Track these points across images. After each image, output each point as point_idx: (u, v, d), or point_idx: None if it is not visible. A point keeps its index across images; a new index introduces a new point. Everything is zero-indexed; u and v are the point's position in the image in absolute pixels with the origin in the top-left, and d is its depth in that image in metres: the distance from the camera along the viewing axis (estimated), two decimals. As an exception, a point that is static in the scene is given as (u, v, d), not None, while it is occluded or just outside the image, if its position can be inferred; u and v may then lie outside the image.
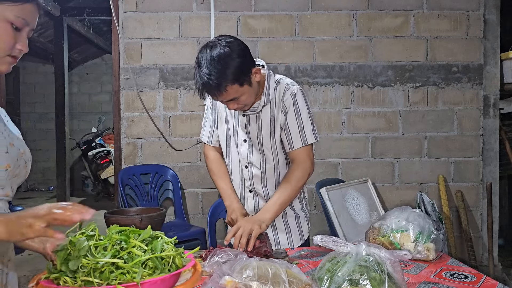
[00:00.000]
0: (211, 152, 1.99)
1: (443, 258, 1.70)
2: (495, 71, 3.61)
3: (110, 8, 3.40)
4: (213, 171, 1.97)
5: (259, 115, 1.81)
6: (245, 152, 1.87)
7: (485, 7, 3.57)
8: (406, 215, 1.75)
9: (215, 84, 1.59)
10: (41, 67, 8.48)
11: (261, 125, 1.82)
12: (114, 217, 1.70)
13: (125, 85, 3.52)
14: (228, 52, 1.59)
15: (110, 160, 6.90)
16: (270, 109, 1.81)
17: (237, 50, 1.62)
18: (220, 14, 3.51)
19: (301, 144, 1.81)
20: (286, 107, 1.79)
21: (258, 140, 1.84)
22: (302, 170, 1.81)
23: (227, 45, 1.61)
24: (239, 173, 1.93)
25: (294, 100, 1.78)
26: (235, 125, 1.87)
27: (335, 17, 3.55)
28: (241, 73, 1.62)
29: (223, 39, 1.64)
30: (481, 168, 3.62)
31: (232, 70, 1.59)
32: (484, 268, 3.50)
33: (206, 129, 1.98)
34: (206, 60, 1.59)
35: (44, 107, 8.44)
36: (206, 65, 1.58)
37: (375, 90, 3.58)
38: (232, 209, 1.86)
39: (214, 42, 1.62)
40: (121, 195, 3.32)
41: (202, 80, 1.60)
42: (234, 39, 1.66)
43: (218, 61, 1.58)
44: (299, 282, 1.16)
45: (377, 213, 3.35)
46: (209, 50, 1.60)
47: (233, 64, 1.60)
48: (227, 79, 1.59)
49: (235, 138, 1.88)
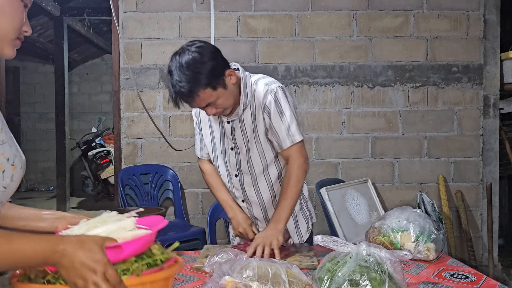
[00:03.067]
0: (206, 166, 1.99)
1: (443, 258, 1.70)
2: (495, 71, 3.61)
3: (110, 8, 3.40)
4: (211, 184, 1.98)
5: (241, 119, 1.78)
6: (233, 159, 1.85)
7: (485, 7, 3.57)
8: (407, 215, 1.75)
9: (187, 91, 1.56)
10: (41, 67, 8.48)
11: (245, 129, 1.79)
12: (114, 217, 1.69)
13: (125, 85, 3.52)
14: (197, 56, 1.56)
15: (110, 160, 6.89)
16: (251, 112, 1.77)
17: (207, 54, 1.59)
18: (220, 14, 3.51)
19: (289, 143, 1.76)
20: (269, 108, 1.74)
21: (244, 145, 1.81)
22: (298, 169, 1.76)
23: (196, 50, 1.58)
24: (229, 183, 1.92)
25: (276, 100, 1.73)
26: (221, 134, 1.85)
27: (335, 17, 3.54)
28: (212, 77, 1.59)
29: (192, 45, 1.60)
30: (481, 168, 3.61)
31: (203, 75, 1.56)
32: (484, 268, 3.49)
33: (197, 144, 1.97)
34: (176, 67, 1.56)
35: (44, 107, 8.44)
36: (177, 72, 1.56)
37: (375, 90, 3.58)
38: (237, 222, 1.86)
39: (183, 49, 1.60)
40: (121, 195, 3.32)
41: (174, 89, 1.57)
42: (204, 43, 1.63)
43: (187, 67, 1.55)
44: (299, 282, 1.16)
45: (377, 213, 3.35)
46: (178, 57, 1.57)
47: (203, 68, 1.56)
48: (198, 84, 1.56)
49: (222, 148, 1.86)
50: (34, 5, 5.28)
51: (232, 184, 1.91)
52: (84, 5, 6.05)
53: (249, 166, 1.84)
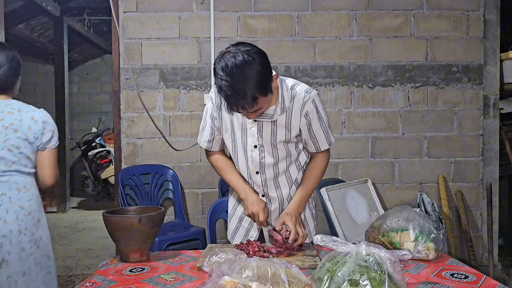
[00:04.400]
0: (214, 153, 1.98)
1: (443, 258, 1.70)
2: (495, 71, 3.61)
3: (110, 8, 3.40)
4: (220, 167, 1.96)
5: (274, 122, 1.79)
6: (256, 157, 1.85)
7: (485, 7, 3.57)
8: (406, 215, 1.75)
9: (249, 99, 1.56)
10: (41, 67, 8.48)
11: (275, 131, 1.81)
12: (113, 216, 1.69)
13: (125, 85, 3.52)
14: (258, 65, 1.56)
15: (110, 160, 6.89)
16: (286, 117, 1.79)
17: (265, 61, 1.60)
18: (220, 14, 3.51)
19: (327, 146, 1.89)
20: (310, 117, 1.81)
21: (271, 145, 1.83)
22: (324, 167, 1.93)
23: (256, 57, 1.56)
24: (248, 179, 1.92)
25: (316, 107, 1.80)
26: (243, 131, 1.84)
27: (335, 17, 3.54)
28: (268, 83, 1.61)
29: (249, 50, 1.57)
30: (481, 168, 3.61)
31: (263, 83, 1.57)
32: (484, 268, 3.49)
33: (205, 135, 1.94)
34: (235, 73, 1.53)
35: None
36: (237, 79, 1.53)
37: (375, 90, 3.58)
38: (251, 203, 1.85)
39: (237, 54, 1.55)
40: (121, 195, 3.32)
41: (236, 99, 1.56)
42: (256, 47, 1.62)
43: (249, 75, 1.54)
44: (298, 282, 1.16)
45: (377, 213, 3.34)
46: (234, 62, 1.53)
47: (262, 77, 1.57)
48: (260, 93, 1.57)
49: (244, 145, 1.86)
50: (34, 5, 5.29)
51: (252, 180, 1.91)
52: (84, 5, 6.06)
53: (274, 165, 1.87)
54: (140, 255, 1.70)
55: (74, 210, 6.65)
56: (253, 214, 1.85)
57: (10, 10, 5.08)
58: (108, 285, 1.44)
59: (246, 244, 1.75)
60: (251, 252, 1.66)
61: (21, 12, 5.55)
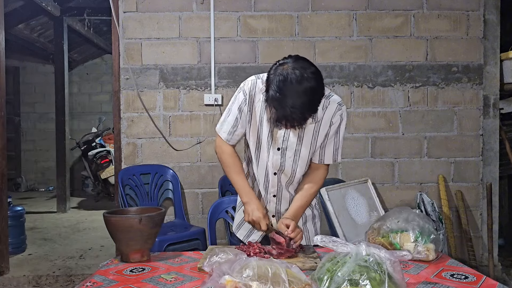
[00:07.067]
0: (227, 146, 1.91)
1: (443, 259, 1.70)
2: (495, 71, 3.61)
3: (110, 8, 3.40)
4: (229, 164, 1.91)
5: (303, 129, 1.79)
6: (277, 160, 1.85)
7: (485, 7, 3.57)
8: (406, 216, 1.75)
9: (301, 118, 1.59)
10: (41, 67, 8.48)
11: (302, 138, 1.81)
12: (114, 217, 1.69)
13: (125, 85, 3.52)
14: (315, 86, 1.57)
15: (110, 160, 6.89)
16: (315, 126, 1.80)
17: (319, 81, 1.60)
18: (220, 14, 3.51)
19: (331, 162, 1.89)
20: (331, 127, 1.82)
21: (295, 151, 1.84)
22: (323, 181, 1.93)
23: (314, 77, 1.57)
24: (265, 177, 1.91)
25: (341, 122, 1.82)
26: (270, 132, 1.83)
27: (335, 17, 3.55)
28: (319, 103, 1.64)
29: (306, 69, 1.58)
30: (481, 168, 3.62)
31: (315, 103, 1.61)
32: (484, 268, 3.49)
33: (228, 126, 1.87)
34: (293, 93, 1.54)
35: (44, 107, 8.44)
36: (294, 99, 1.55)
37: (375, 90, 3.58)
38: (251, 209, 1.82)
39: (296, 70, 1.56)
40: (121, 195, 3.32)
41: (289, 114, 1.57)
42: (312, 66, 1.61)
43: (306, 96, 1.55)
44: (299, 282, 1.16)
45: (377, 213, 3.35)
46: (294, 79, 1.54)
47: (318, 98, 1.61)
48: (311, 113, 1.61)
49: (268, 145, 1.84)
50: (34, 5, 5.29)
51: (267, 179, 1.91)
52: (84, 5, 6.05)
53: (293, 169, 1.87)
54: (140, 255, 1.70)
55: (74, 210, 6.65)
56: (253, 221, 1.83)
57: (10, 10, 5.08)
58: (109, 285, 1.45)
59: (247, 246, 1.75)
60: (251, 253, 1.66)
61: (21, 12, 5.55)
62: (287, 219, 1.81)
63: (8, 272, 3.66)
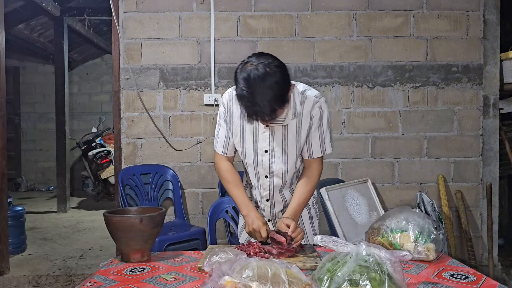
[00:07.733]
0: (224, 162, 1.96)
1: (443, 259, 1.70)
2: (495, 71, 3.61)
3: (110, 8, 3.40)
4: (228, 179, 1.95)
5: (286, 127, 1.82)
6: (266, 162, 1.87)
7: (485, 7, 3.57)
8: (406, 216, 1.75)
9: (269, 112, 1.61)
10: (41, 67, 8.48)
11: (287, 135, 1.84)
12: (115, 216, 1.69)
13: (125, 85, 3.52)
14: (279, 78, 1.60)
15: (110, 160, 6.89)
16: (297, 121, 1.83)
17: (283, 73, 1.63)
18: (220, 14, 3.51)
19: (320, 154, 1.90)
20: (313, 121, 1.84)
21: (282, 150, 1.85)
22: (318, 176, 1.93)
23: (277, 71, 1.60)
24: (256, 183, 1.94)
25: (321, 114, 1.85)
26: (254, 136, 1.86)
27: (335, 17, 3.55)
28: (286, 95, 1.65)
29: (270, 63, 1.61)
30: (481, 168, 3.62)
31: (284, 96, 1.63)
32: (484, 268, 3.50)
33: (220, 140, 1.94)
34: (256, 87, 1.58)
35: (44, 107, 8.44)
36: (258, 93, 1.58)
37: (375, 90, 3.58)
38: (251, 219, 1.85)
39: (259, 66, 1.60)
40: (121, 195, 3.32)
41: (255, 108, 1.60)
42: (276, 60, 1.65)
43: (270, 88, 1.58)
44: (299, 282, 1.16)
45: (377, 213, 3.35)
46: (257, 74, 1.58)
47: (284, 90, 1.63)
48: (279, 105, 1.62)
49: (255, 149, 1.87)
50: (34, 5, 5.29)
51: (259, 184, 1.93)
52: (84, 5, 6.05)
53: (284, 170, 1.88)
54: (141, 255, 1.70)
55: (74, 210, 6.65)
56: (254, 231, 1.84)
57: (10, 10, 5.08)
58: (109, 284, 1.45)
59: (247, 245, 1.75)
60: (252, 253, 1.66)
61: (21, 12, 5.55)
62: (288, 218, 1.82)
63: (8, 272, 3.66)
